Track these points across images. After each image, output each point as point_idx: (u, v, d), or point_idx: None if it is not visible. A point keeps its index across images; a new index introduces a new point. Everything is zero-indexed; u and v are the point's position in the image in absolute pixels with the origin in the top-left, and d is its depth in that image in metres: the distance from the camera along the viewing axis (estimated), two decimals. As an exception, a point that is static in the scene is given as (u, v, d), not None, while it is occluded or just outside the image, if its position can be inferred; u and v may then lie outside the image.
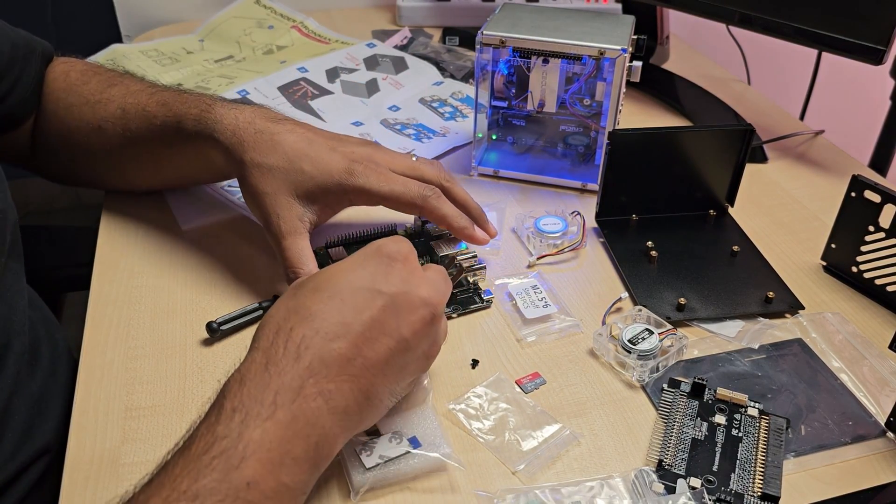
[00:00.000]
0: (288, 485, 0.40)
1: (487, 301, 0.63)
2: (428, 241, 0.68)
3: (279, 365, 0.42)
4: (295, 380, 0.41)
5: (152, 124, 0.65)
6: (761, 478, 0.49)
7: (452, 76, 1.01)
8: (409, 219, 0.70)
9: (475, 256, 0.65)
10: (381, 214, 0.70)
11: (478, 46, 0.74)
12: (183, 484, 0.38)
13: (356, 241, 0.67)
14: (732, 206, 0.74)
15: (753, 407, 0.54)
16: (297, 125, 0.63)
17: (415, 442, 0.49)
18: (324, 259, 0.62)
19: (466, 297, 0.63)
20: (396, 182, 0.61)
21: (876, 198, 0.63)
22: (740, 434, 0.52)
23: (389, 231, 0.68)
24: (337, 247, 0.66)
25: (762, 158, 0.86)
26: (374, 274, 0.46)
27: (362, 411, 0.44)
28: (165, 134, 0.65)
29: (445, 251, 0.66)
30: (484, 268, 0.65)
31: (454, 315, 0.62)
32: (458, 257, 0.64)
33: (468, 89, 0.97)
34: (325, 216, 0.62)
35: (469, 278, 0.64)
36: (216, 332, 0.59)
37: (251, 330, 0.60)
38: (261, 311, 0.61)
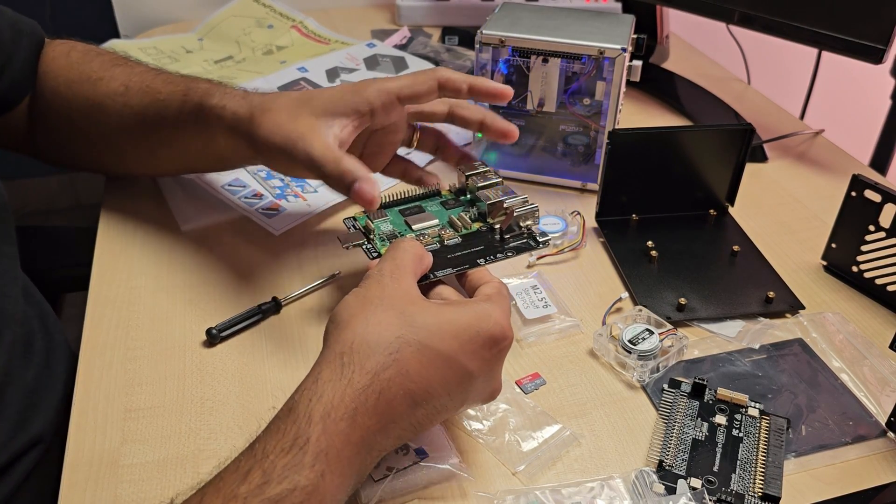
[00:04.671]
0: None
1: (544, 243, 0.59)
2: (473, 194, 0.63)
3: (365, 418, 0.42)
4: (371, 437, 0.42)
5: (156, 99, 0.65)
6: (762, 478, 0.49)
7: (452, 76, 1.01)
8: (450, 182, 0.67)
9: (526, 200, 0.60)
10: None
11: (477, 46, 0.74)
12: None
13: (400, 202, 0.63)
14: (732, 205, 0.74)
15: (754, 407, 0.54)
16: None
17: (422, 453, 0.49)
18: (363, 222, 0.59)
19: (522, 243, 0.59)
20: (404, 76, 0.61)
21: (876, 197, 0.63)
22: (741, 434, 0.52)
23: (433, 192, 0.64)
24: (381, 209, 0.61)
25: (762, 158, 0.86)
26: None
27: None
28: (168, 109, 0.64)
29: (493, 199, 0.60)
30: (536, 209, 0.59)
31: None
32: (507, 202, 0.59)
33: (468, 89, 0.97)
34: (346, 133, 0.59)
35: (521, 223, 0.59)
36: (216, 339, 0.59)
37: (251, 331, 0.60)
38: (260, 315, 0.61)
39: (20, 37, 0.68)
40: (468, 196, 0.63)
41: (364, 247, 0.58)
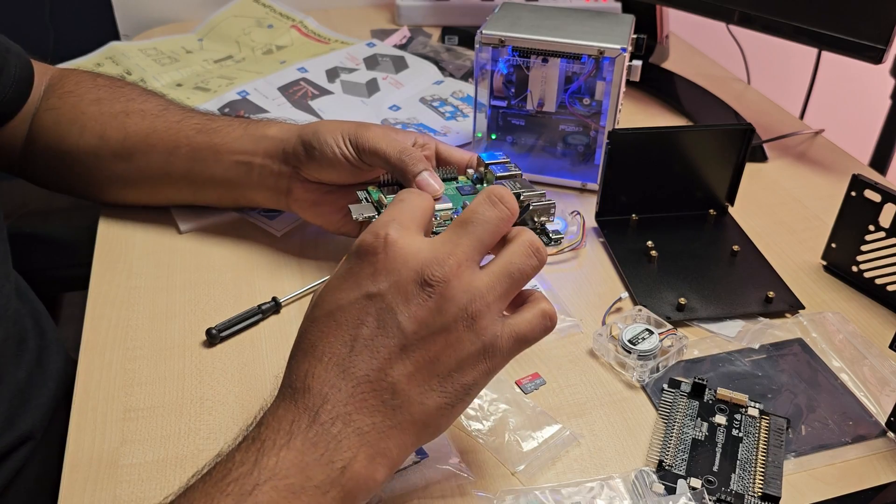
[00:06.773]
0: None
1: (557, 240, 0.55)
2: (490, 184, 0.59)
3: (294, 397, 0.41)
4: (308, 408, 0.40)
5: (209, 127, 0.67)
6: (762, 478, 0.49)
7: (452, 76, 1.01)
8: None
9: (543, 194, 0.56)
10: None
11: (477, 46, 0.74)
12: None
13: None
14: (732, 205, 0.74)
15: (754, 407, 0.54)
16: None
17: (422, 453, 0.49)
18: (375, 197, 0.58)
19: None
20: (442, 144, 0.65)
21: (876, 197, 0.63)
22: (741, 434, 0.52)
23: (450, 176, 0.61)
24: (390, 185, 0.60)
25: (762, 158, 0.86)
26: (359, 278, 0.42)
27: (401, 424, 0.41)
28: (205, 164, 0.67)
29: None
30: (553, 204, 0.56)
31: None
32: (523, 194, 0.55)
33: (469, 88, 0.97)
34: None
35: (535, 217, 0.55)
36: (216, 339, 0.59)
37: (251, 331, 0.60)
38: (260, 315, 0.61)
39: (8, 53, 0.66)
40: (485, 185, 0.60)
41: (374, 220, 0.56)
